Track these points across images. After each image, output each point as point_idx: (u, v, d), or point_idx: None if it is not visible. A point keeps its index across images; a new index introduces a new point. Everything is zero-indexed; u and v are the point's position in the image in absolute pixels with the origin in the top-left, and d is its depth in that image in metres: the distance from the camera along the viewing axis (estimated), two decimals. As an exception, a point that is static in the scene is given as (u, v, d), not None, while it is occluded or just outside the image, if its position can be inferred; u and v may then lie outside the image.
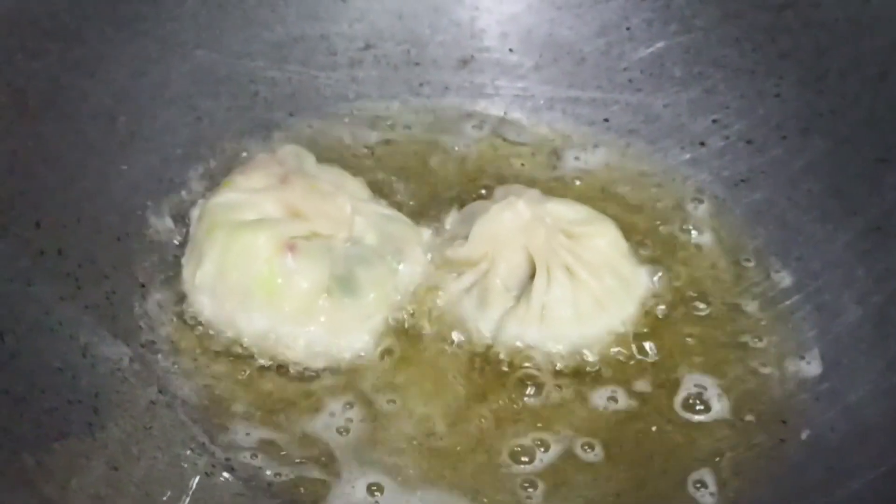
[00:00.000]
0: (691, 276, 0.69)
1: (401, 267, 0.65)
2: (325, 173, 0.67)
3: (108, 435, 0.55)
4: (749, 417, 0.61)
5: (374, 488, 0.57)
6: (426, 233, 0.67)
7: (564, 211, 0.67)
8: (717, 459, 0.59)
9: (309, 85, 0.77)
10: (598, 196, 0.74)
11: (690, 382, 0.63)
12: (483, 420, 0.60)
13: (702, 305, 0.67)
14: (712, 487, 0.58)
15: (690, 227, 0.72)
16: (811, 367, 0.64)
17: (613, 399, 0.62)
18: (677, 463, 0.59)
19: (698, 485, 0.58)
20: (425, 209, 0.71)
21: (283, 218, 0.63)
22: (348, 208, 0.64)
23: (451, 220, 0.68)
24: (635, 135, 0.78)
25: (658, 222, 0.73)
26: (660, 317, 0.66)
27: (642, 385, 0.63)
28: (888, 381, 0.61)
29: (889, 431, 0.58)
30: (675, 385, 0.63)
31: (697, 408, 0.62)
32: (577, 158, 0.78)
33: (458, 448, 0.59)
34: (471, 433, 0.60)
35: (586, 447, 0.59)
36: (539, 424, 0.60)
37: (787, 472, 0.58)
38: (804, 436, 0.60)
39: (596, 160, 0.78)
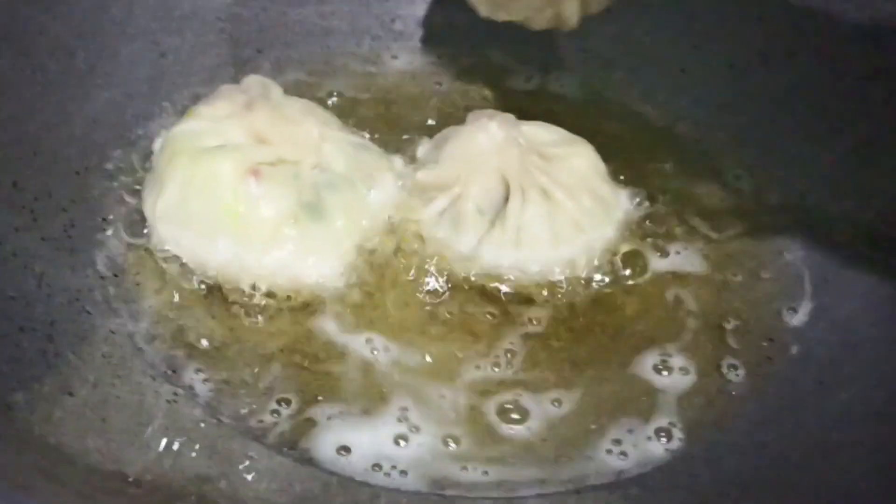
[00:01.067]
0: (674, 198, 0.67)
1: (371, 193, 0.62)
2: (291, 103, 0.65)
3: (63, 361, 0.52)
4: (734, 335, 0.59)
5: (328, 417, 0.54)
6: (398, 160, 0.65)
7: (539, 133, 0.64)
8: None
9: (277, 21, 0.75)
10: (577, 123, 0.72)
11: (670, 297, 0.61)
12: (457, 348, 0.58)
13: (686, 227, 0.65)
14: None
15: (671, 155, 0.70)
16: (800, 284, 0.62)
17: (595, 324, 0.60)
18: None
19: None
20: (397, 140, 0.69)
21: (247, 144, 0.60)
22: (315, 133, 0.61)
23: (423, 148, 0.66)
24: (615, 64, 0.76)
25: (638, 151, 0.71)
26: (640, 239, 0.64)
27: (622, 305, 0.61)
28: (877, 294, 0.59)
29: (879, 342, 0.56)
30: (657, 302, 0.61)
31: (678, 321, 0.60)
32: (557, 86, 0.75)
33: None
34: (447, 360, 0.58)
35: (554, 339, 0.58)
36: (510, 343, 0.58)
37: (776, 388, 0.56)
38: (793, 351, 0.58)
39: (574, 89, 0.76)
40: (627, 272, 0.62)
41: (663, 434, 0.55)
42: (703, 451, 0.54)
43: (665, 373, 0.58)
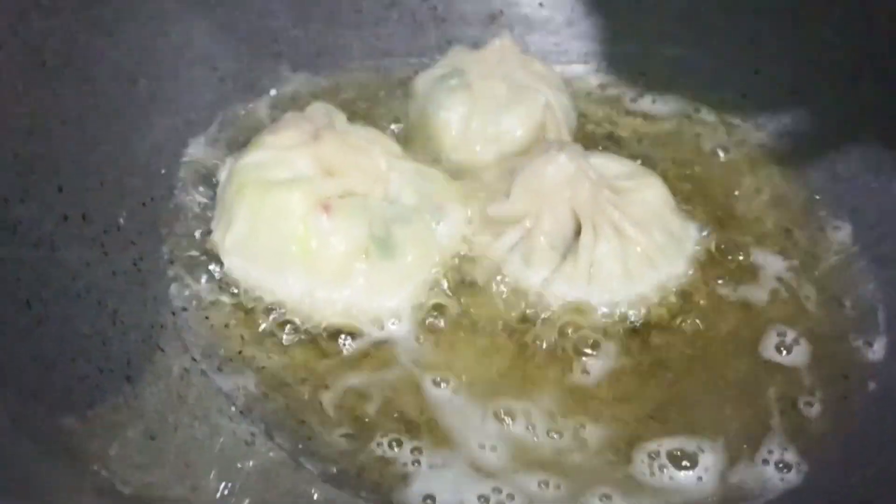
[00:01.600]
0: (740, 230, 0.66)
1: (440, 227, 0.62)
2: (356, 130, 0.64)
3: (143, 403, 0.52)
4: (811, 372, 0.59)
5: (416, 451, 0.54)
6: (465, 188, 0.64)
7: (609, 165, 0.64)
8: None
9: (333, 44, 0.74)
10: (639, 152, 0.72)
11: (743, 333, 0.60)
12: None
13: (753, 258, 0.64)
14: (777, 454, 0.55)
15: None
16: (874, 319, 0.61)
17: (665, 362, 0.59)
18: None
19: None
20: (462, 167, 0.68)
21: (316, 176, 0.60)
22: (383, 164, 0.61)
23: (489, 175, 0.65)
24: (674, 88, 0.75)
25: (703, 177, 0.70)
26: (711, 274, 0.63)
27: (693, 342, 0.60)
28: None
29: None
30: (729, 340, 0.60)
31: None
32: (615, 114, 0.75)
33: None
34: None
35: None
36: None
37: (854, 427, 0.56)
38: (871, 387, 0.58)
39: (634, 117, 0.75)
40: (698, 305, 0.62)
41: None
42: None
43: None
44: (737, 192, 0.68)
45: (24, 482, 0.41)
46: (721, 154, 0.71)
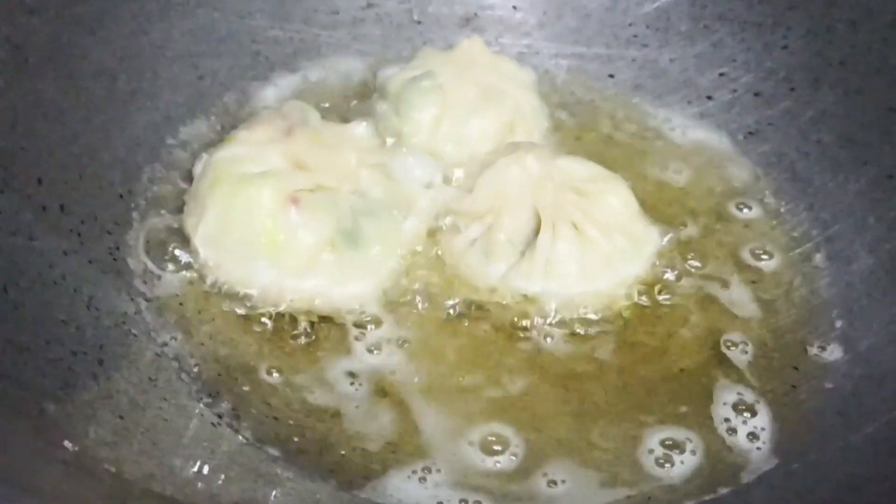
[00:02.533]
0: (699, 231, 0.68)
1: (407, 222, 0.64)
2: (329, 127, 0.66)
3: (114, 385, 0.54)
4: (761, 363, 0.61)
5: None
6: (432, 183, 0.67)
7: (575, 168, 0.66)
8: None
9: (311, 43, 0.77)
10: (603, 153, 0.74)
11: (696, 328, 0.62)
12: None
13: (713, 258, 0.67)
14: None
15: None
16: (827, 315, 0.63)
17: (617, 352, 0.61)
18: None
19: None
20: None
21: (287, 170, 0.62)
22: (353, 159, 0.63)
23: (458, 170, 0.68)
24: (641, 90, 0.77)
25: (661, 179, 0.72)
26: (668, 275, 0.65)
27: (644, 339, 0.62)
28: (903, 325, 0.60)
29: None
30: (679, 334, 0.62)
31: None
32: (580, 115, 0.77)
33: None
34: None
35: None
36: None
37: (799, 418, 0.58)
38: (818, 384, 0.60)
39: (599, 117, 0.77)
40: (657, 301, 0.64)
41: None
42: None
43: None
44: (696, 193, 0.71)
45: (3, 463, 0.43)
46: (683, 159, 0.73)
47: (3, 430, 0.47)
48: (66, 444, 0.48)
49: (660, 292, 0.64)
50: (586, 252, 0.62)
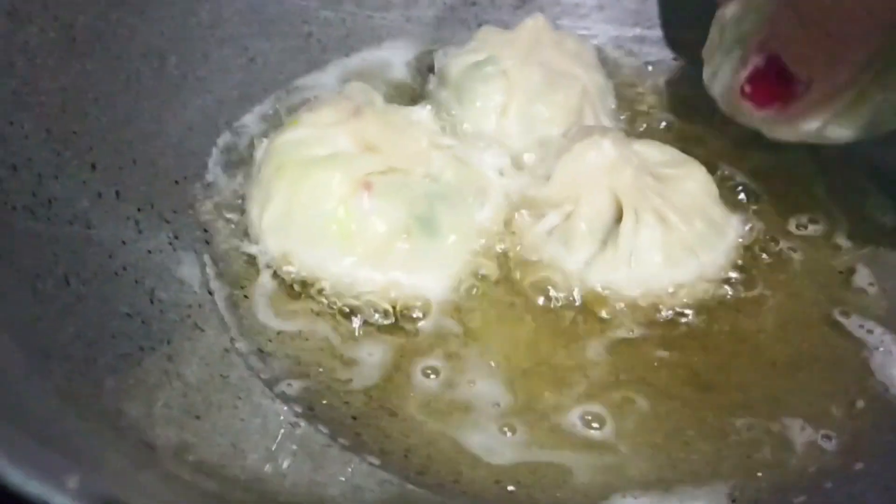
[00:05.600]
0: (778, 218, 0.65)
1: (483, 210, 0.61)
2: (393, 111, 0.63)
3: (186, 383, 0.50)
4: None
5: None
6: (504, 170, 0.63)
7: (651, 152, 0.62)
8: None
9: (363, 25, 0.73)
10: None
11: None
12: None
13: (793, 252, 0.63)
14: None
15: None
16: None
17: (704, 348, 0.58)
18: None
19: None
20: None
21: (356, 152, 0.58)
22: (424, 141, 0.60)
23: (528, 156, 0.64)
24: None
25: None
26: (750, 265, 0.62)
27: (729, 328, 0.59)
28: None
29: None
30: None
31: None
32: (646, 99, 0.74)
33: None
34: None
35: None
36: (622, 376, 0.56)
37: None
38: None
39: (665, 101, 0.74)
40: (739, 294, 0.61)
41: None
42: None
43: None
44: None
45: (75, 456, 0.40)
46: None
47: (75, 426, 0.43)
48: (139, 437, 0.45)
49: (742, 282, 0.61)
50: (669, 240, 0.59)
